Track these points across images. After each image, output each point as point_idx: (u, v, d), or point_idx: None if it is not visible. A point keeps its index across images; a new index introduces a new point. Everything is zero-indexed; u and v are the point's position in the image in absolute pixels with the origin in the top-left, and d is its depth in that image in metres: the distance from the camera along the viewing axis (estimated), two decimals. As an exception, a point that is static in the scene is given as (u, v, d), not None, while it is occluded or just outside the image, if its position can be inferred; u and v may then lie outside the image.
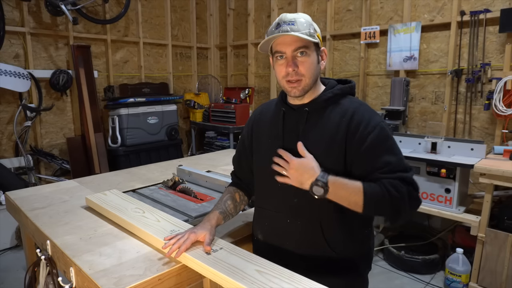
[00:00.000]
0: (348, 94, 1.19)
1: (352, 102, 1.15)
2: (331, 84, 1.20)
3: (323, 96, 1.15)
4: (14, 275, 2.70)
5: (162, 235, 1.13)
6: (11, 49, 3.46)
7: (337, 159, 1.10)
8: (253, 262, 0.97)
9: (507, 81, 2.65)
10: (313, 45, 1.10)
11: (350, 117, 1.10)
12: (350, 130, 1.09)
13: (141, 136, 4.08)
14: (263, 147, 1.24)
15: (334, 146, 1.10)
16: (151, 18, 4.53)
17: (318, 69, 1.14)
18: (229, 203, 1.29)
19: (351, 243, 1.16)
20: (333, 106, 1.14)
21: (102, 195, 1.50)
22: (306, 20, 1.10)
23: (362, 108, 1.13)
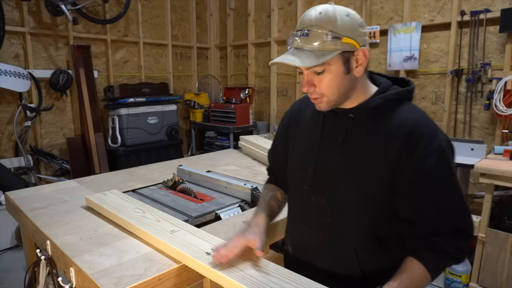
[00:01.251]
0: (405, 100, 0.98)
1: (412, 113, 0.94)
2: (384, 85, 0.99)
3: (372, 102, 0.96)
4: (14, 275, 2.70)
5: (162, 235, 1.13)
6: (11, 49, 3.46)
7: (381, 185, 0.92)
8: (253, 262, 0.96)
9: (507, 81, 2.65)
10: (339, 55, 0.89)
11: (407, 133, 0.90)
12: (404, 150, 0.89)
13: (141, 136, 4.08)
14: (298, 152, 1.09)
15: (381, 167, 0.91)
16: (151, 18, 4.52)
17: (350, 80, 0.93)
18: (273, 203, 1.20)
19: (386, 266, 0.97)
20: (385, 114, 0.94)
21: (102, 195, 1.50)
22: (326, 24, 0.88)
23: (423, 122, 0.92)
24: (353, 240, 0.98)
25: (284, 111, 4.44)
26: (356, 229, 0.97)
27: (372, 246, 0.98)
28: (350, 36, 0.89)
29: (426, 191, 0.90)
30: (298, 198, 1.09)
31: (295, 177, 1.10)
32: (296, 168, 1.09)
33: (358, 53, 0.91)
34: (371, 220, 0.96)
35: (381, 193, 0.93)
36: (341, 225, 0.99)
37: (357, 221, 0.96)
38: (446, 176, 0.91)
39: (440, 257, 0.90)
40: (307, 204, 1.04)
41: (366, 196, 0.94)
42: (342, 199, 0.97)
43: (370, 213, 0.95)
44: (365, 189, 0.93)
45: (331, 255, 1.02)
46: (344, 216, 0.97)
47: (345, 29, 0.89)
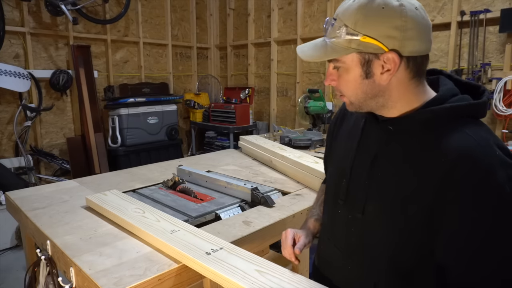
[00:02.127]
0: (467, 116, 0.75)
1: (467, 138, 0.70)
2: (444, 94, 0.77)
3: (418, 115, 0.76)
4: (14, 275, 2.70)
5: (162, 235, 1.13)
6: (11, 49, 3.46)
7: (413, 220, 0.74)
8: (253, 262, 0.96)
9: (507, 81, 2.65)
10: (356, 55, 0.75)
11: (453, 163, 0.69)
12: (449, 185, 0.69)
13: (141, 136, 4.08)
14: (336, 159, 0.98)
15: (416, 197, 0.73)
16: (151, 18, 4.53)
17: (370, 86, 0.77)
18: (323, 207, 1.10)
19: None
20: (434, 133, 0.74)
21: (102, 195, 1.50)
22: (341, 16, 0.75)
23: (479, 152, 0.69)
24: (372, 267, 0.84)
25: (284, 111, 4.43)
26: (377, 258, 0.82)
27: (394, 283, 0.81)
28: (373, 36, 0.72)
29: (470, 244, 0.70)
30: (330, 209, 0.97)
31: (331, 187, 0.97)
32: (332, 177, 0.97)
33: (386, 57, 0.73)
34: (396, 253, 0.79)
35: (410, 228, 0.76)
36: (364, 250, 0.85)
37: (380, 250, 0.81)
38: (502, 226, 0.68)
39: None
40: (336, 219, 0.93)
41: (393, 227, 0.78)
42: (367, 223, 0.84)
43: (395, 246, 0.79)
44: (392, 219, 0.78)
45: (348, 276, 0.90)
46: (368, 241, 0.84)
47: (369, 26, 0.72)
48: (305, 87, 4.13)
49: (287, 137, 2.66)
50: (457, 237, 0.70)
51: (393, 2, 0.72)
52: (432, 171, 0.71)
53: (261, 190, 1.63)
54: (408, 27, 0.72)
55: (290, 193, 1.74)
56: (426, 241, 0.75)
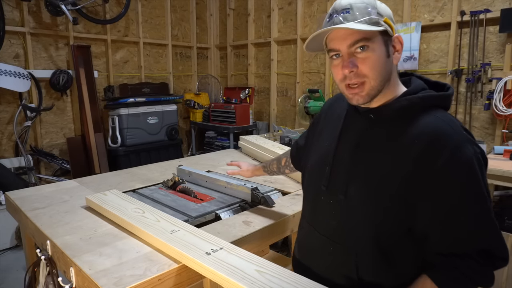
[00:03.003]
0: (436, 106, 0.86)
1: (438, 119, 0.82)
2: (415, 87, 0.89)
3: (396, 103, 0.87)
4: (14, 275, 2.70)
5: (162, 235, 1.13)
6: (11, 49, 3.46)
7: (394, 197, 0.83)
8: (253, 262, 0.96)
9: (507, 81, 2.65)
10: (379, 34, 0.83)
11: (427, 142, 0.79)
12: (423, 161, 0.79)
13: (141, 136, 4.08)
14: (318, 150, 1.04)
15: (395, 177, 0.82)
16: (151, 18, 4.53)
17: (389, 65, 0.86)
18: (273, 163, 1.44)
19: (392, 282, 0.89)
20: (408, 119, 0.84)
21: (102, 195, 1.50)
22: (366, 2, 0.84)
23: (448, 131, 0.80)
24: (354, 248, 0.90)
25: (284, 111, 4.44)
26: (360, 238, 0.89)
27: (377, 263, 0.88)
28: (389, 19, 0.85)
29: (446, 210, 0.80)
30: (312, 197, 1.03)
31: (313, 175, 1.03)
32: (314, 166, 1.03)
33: (395, 39, 0.87)
34: (379, 231, 0.87)
35: (393, 205, 0.83)
36: (346, 231, 0.92)
37: (363, 230, 0.88)
38: (472, 194, 0.79)
39: (460, 283, 0.81)
40: (318, 205, 0.99)
41: (376, 206, 0.85)
42: (351, 206, 0.90)
43: (377, 224, 0.86)
44: (376, 199, 0.85)
45: (331, 259, 0.96)
46: (351, 224, 0.90)
47: (385, 11, 0.85)
48: (305, 87, 4.13)
49: (287, 137, 2.66)
50: (431, 207, 0.80)
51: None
52: (408, 150, 0.81)
53: (261, 190, 1.63)
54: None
55: (290, 193, 1.74)
56: (405, 218, 0.83)
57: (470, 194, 0.79)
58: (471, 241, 0.81)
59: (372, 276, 0.89)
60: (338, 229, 0.93)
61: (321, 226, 0.98)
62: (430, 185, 0.79)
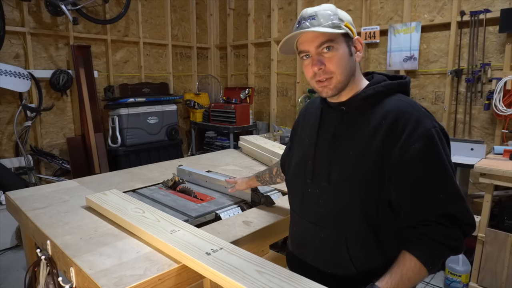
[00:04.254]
0: (397, 92, 1.00)
1: (399, 101, 0.96)
2: (377, 79, 1.03)
3: (362, 93, 0.99)
4: (14, 275, 2.70)
5: (162, 235, 1.13)
6: (11, 49, 3.46)
7: (370, 175, 0.93)
8: (253, 262, 0.96)
9: (507, 81, 2.65)
10: (341, 36, 0.96)
11: (391, 120, 0.92)
12: (390, 137, 0.91)
13: (141, 136, 4.08)
14: (300, 148, 1.14)
15: (369, 157, 0.93)
16: (151, 18, 4.53)
17: (352, 62, 0.99)
18: (266, 173, 1.50)
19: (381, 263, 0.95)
20: (374, 106, 0.97)
21: (102, 195, 1.50)
22: (329, 10, 0.97)
23: (409, 109, 0.93)
24: (344, 231, 0.98)
25: (284, 111, 4.45)
26: (347, 218, 0.97)
27: (365, 241, 0.97)
28: (349, 24, 0.98)
29: (412, 178, 0.90)
30: (299, 191, 1.10)
31: (298, 171, 1.11)
32: (298, 163, 1.12)
33: (356, 41, 1.00)
34: (363, 208, 0.95)
35: (372, 183, 0.93)
36: (333, 215, 1.00)
37: (349, 210, 0.97)
38: (434, 162, 0.89)
39: (433, 248, 0.88)
40: (306, 197, 1.07)
41: (357, 187, 0.94)
42: (335, 191, 0.99)
43: (361, 200, 0.95)
44: (356, 177, 0.94)
45: (322, 246, 1.03)
46: (337, 207, 0.99)
47: (345, 17, 0.99)
48: (305, 87, 4.13)
49: (287, 137, 2.67)
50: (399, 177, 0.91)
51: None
52: (377, 129, 0.93)
53: (261, 190, 1.63)
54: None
55: (290, 193, 1.74)
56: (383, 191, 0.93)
57: (431, 162, 0.89)
58: (436, 206, 0.89)
59: (363, 255, 0.98)
60: (326, 214, 1.02)
61: (310, 216, 1.06)
62: (397, 157, 0.90)
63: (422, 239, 0.89)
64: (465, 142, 2.56)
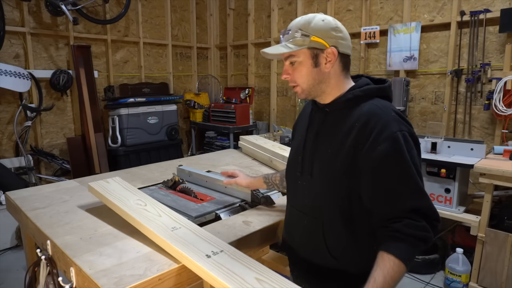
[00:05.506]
0: (375, 97, 1.07)
1: (373, 105, 1.04)
2: (360, 83, 1.10)
3: (342, 97, 1.08)
4: (14, 275, 2.70)
5: (162, 232, 1.12)
6: (11, 49, 3.46)
7: (343, 172, 1.02)
8: (254, 269, 0.95)
9: (507, 81, 2.65)
10: (307, 49, 1.05)
11: (362, 123, 1.00)
12: (360, 138, 0.99)
13: (141, 136, 4.09)
14: (294, 145, 1.27)
15: (342, 155, 1.02)
16: (151, 18, 4.53)
17: (318, 73, 1.07)
18: (276, 176, 1.47)
19: (356, 255, 1.07)
20: (352, 109, 1.05)
21: (104, 183, 1.48)
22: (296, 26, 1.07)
23: (379, 112, 1.01)
24: (321, 218, 1.09)
25: (284, 111, 4.44)
26: (325, 211, 1.08)
27: (340, 231, 1.07)
28: (319, 36, 1.04)
29: (376, 178, 0.97)
30: (291, 183, 1.24)
31: (291, 165, 1.25)
32: (291, 157, 1.26)
33: (327, 51, 1.05)
34: (338, 204, 1.06)
35: (343, 180, 1.03)
36: (313, 205, 1.12)
37: (326, 203, 1.08)
38: (397, 162, 0.96)
39: (406, 243, 0.92)
40: (296, 187, 1.20)
41: (333, 182, 1.05)
42: (315, 184, 1.11)
43: (335, 199, 1.06)
44: (330, 173, 1.05)
45: (305, 233, 1.16)
46: (317, 198, 1.10)
47: (315, 30, 1.05)
48: (305, 87, 4.13)
49: (287, 137, 2.67)
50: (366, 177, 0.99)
51: (328, 18, 1.07)
52: (351, 131, 1.02)
53: (261, 190, 1.63)
54: (339, 32, 1.06)
55: (290, 193, 1.74)
56: (354, 187, 1.02)
57: (394, 163, 0.96)
58: (400, 203, 0.95)
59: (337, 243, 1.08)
60: (309, 204, 1.14)
61: (298, 205, 1.19)
62: (364, 157, 0.98)
63: (394, 236, 0.94)
64: (465, 142, 2.56)
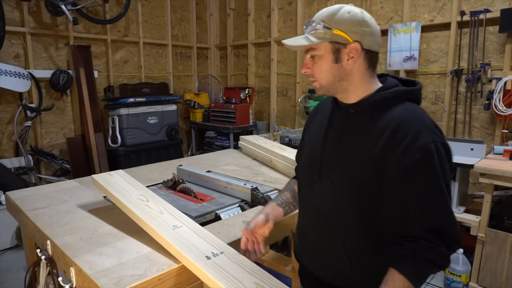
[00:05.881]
0: (406, 100, 0.99)
1: (405, 110, 0.95)
2: (388, 84, 1.01)
3: (370, 98, 0.99)
4: (14, 275, 2.70)
5: (163, 230, 1.11)
6: (11, 49, 3.46)
7: (369, 181, 0.94)
8: (253, 273, 0.94)
9: (507, 81, 2.65)
10: (328, 43, 0.97)
11: (392, 129, 0.91)
12: (389, 146, 0.91)
13: (141, 136, 4.08)
14: (310, 145, 1.16)
15: (369, 162, 0.94)
16: (151, 18, 4.53)
17: (338, 70, 0.99)
18: (286, 194, 1.29)
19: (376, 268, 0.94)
20: (381, 112, 0.96)
21: (108, 176, 1.48)
22: (321, 17, 0.98)
23: (411, 119, 0.92)
24: (341, 232, 1.01)
25: (284, 111, 4.44)
26: (345, 221, 1.00)
27: (362, 243, 0.99)
28: (342, 30, 0.96)
29: (403, 190, 0.90)
30: (307, 188, 1.14)
31: (306, 167, 1.15)
32: (307, 159, 1.16)
33: (350, 46, 0.97)
34: (361, 215, 0.98)
35: (369, 189, 0.95)
36: (333, 211, 1.03)
37: (347, 214, 1.00)
38: (426, 176, 0.88)
39: (420, 266, 0.87)
40: (313, 193, 1.09)
41: (357, 190, 0.97)
42: (336, 190, 1.02)
43: (359, 207, 0.98)
44: (355, 184, 0.97)
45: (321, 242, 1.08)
46: (336, 203, 1.02)
47: (339, 23, 0.96)
48: (305, 87, 4.13)
49: (287, 137, 2.66)
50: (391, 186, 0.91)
51: (355, 10, 0.98)
52: (379, 137, 0.93)
53: (261, 190, 1.63)
54: (365, 26, 0.97)
55: (290, 193, 1.74)
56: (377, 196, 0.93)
57: (424, 177, 0.88)
58: (423, 221, 0.87)
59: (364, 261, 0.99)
60: (327, 211, 1.05)
61: (315, 211, 1.10)
62: (392, 166, 0.90)
63: (408, 256, 0.87)
64: (465, 142, 2.56)
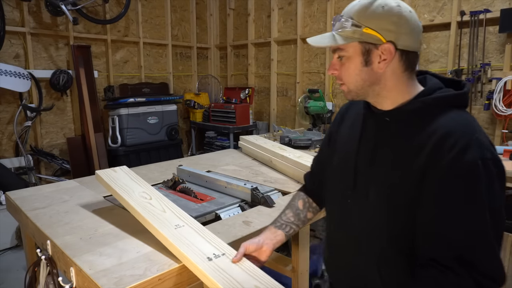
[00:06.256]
0: (451, 106, 0.85)
1: (452, 120, 0.82)
2: (430, 87, 0.89)
3: (410, 105, 0.87)
4: (14, 275, 2.70)
5: (165, 229, 1.10)
6: (11, 49, 3.46)
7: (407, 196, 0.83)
8: (254, 277, 0.93)
9: (507, 81, 2.65)
10: (358, 43, 0.86)
11: (436, 142, 0.79)
12: (432, 160, 0.79)
13: (141, 136, 4.09)
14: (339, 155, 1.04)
15: (408, 177, 0.83)
16: (151, 18, 4.53)
17: (368, 74, 0.87)
18: (288, 213, 1.17)
19: None
20: (423, 120, 0.84)
21: (111, 172, 1.47)
22: (348, 13, 0.87)
23: (459, 131, 0.79)
24: (374, 249, 0.91)
25: (284, 111, 4.42)
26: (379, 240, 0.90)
27: (397, 263, 0.89)
28: (374, 28, 0.84)
29: (438, 210, 0.79)
30: (337, 203, 1.04)
31: (337, 180, 1.04)
32: (337, 171, 1.04)
33: (383, 47, 0.84)
34: (397, 232, 0.87)
35: (407, 205, 0.84)
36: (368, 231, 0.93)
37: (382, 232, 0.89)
38: (467, 198, 0.76)
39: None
40: (345, 209, 0.99)
41: (393, 206, 0.86)
42: (370, 206, 0.92)
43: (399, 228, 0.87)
44: (392, 199, 0.86)
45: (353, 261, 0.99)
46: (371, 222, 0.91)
47: (370, 20, 0.84)
48: (305, 87, 4.13)
49: (287, 137, 2.66)
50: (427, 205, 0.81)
51: (391, 3, 0.85)
52: (421, 150, 0.81)
53: (261, 190, 1.63)
54: (402, 23, 0.85)
55: (290, 193, 1.74)
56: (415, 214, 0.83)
57: (464, 196, 0.77)
58: (452, 247, 0.77)
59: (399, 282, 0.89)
60: (363, 229, 0.94)
61: (348, 228, 0.99)
62: (432, 183, 0.79)
63: (428, 282, 0.79)
64: (465, 142, 2.56)
